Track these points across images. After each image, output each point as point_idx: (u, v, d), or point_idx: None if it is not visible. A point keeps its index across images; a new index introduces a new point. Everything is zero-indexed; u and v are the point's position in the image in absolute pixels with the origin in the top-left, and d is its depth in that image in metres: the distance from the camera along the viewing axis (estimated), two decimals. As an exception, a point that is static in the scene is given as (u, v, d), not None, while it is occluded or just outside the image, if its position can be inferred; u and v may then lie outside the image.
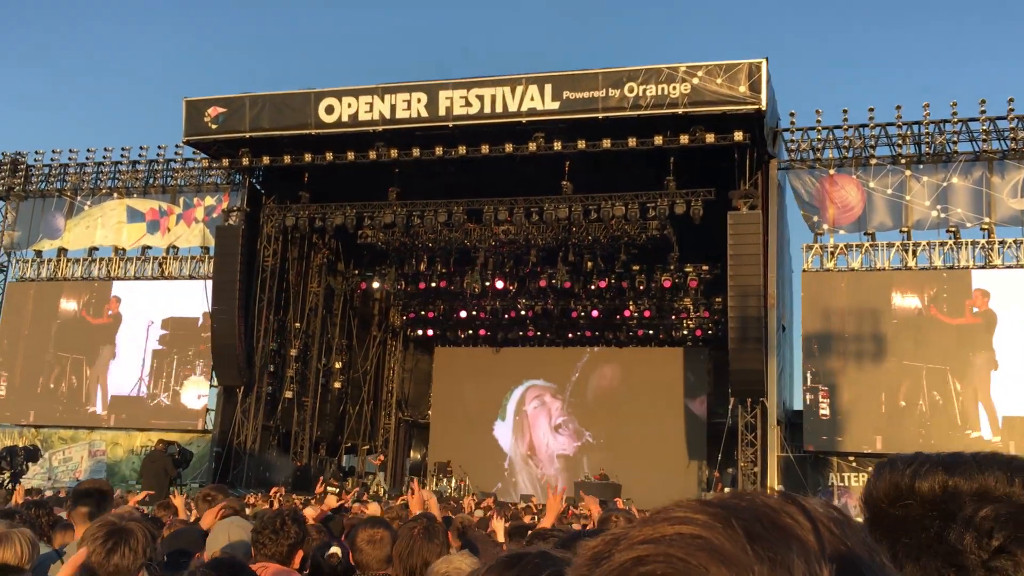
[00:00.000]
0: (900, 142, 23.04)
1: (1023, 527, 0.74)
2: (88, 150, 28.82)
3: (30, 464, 12.82)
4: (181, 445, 14.54)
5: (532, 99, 21.60)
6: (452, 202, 24.05)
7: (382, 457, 28.27)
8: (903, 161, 23.02)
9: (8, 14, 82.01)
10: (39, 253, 29.12)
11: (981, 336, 21.96)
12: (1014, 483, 0.77)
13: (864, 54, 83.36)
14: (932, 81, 75.05)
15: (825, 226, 23.41)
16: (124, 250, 28.31)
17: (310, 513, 6.68)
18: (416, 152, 23.00)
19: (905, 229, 22.95)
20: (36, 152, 29.32)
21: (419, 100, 22.34)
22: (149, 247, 28.11)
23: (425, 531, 3.94)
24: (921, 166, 22.95)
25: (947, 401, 21.78)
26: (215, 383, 26.10)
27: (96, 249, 28.62)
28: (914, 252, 22.94)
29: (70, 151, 28.98)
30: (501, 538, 6.59)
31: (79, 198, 28.82)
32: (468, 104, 22.00)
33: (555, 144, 22.00)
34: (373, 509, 8.69)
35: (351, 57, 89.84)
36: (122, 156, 28.49)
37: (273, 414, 26.69)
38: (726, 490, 23.17)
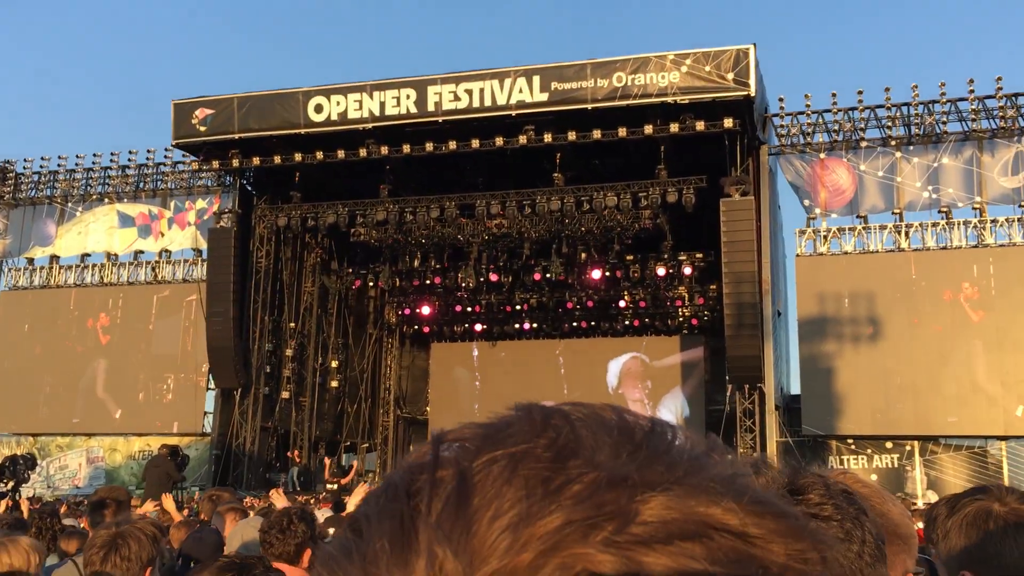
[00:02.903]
0: (890, 124, 23.08)
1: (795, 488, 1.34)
2: (77, 156, 28.75)
3: (30, 473, 12.81)
4: (180, 449, 14.52)
5: (521, 92, 21.59)
6: (444, 197, 24.02)
7: (298, 452, 27.47)
8: (893, 143, 23.07)
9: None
10: (31, 261, 29.02)
11: (976, 315, 22.03)
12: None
13: (852, 37, 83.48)
14: (920, 62, 75.20)
15: (817, 210, 23.45)
16: (116, 255, 28.23)
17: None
18: (406, 148, 22.97)
19: (897, 211, 23.00)
20: (25, 159, 29.24)
21: (408, 96, 22.30)
22: (141, 252, 28.04)
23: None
24: (911, 147, 23.00)
25: (944, 381, 21.85)
26: (212, 386, 26.06)
27: (88, 255, 28.54)
28: (907, 233, 23.00)
29: (59, 157, 28.89)
30: None
31: (70, 204, 28.72)
32: (457, 99, 21.97)
33: (545, 136, 21.98)
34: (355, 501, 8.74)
35: (338, 55, 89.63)
36: (112, 161, 28.40)
37: (271, 415, 26.67)
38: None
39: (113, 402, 26.89)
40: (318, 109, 22.87)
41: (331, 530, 6.57)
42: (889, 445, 22.31)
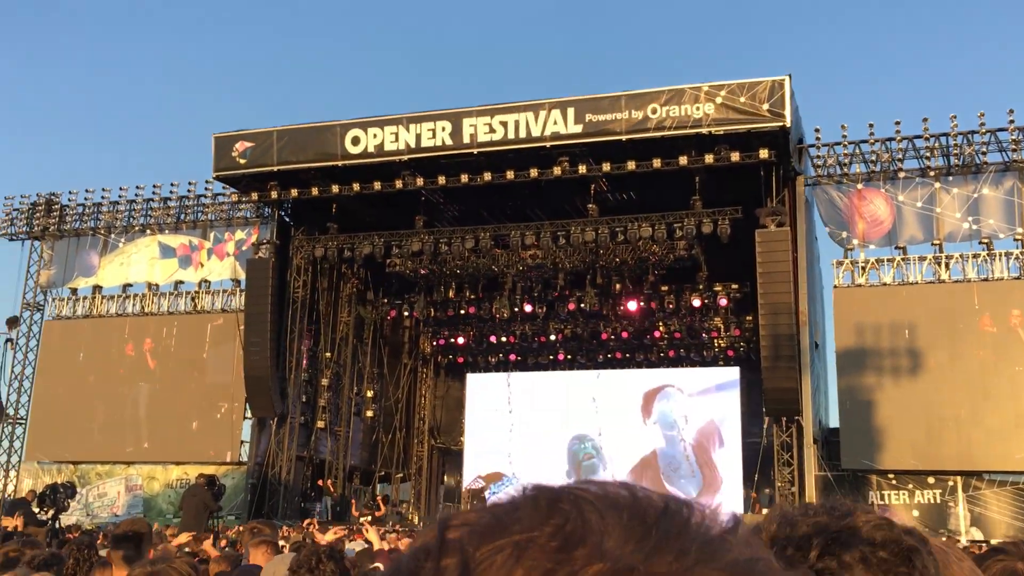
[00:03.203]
0: (928, 154, 22.83)
1: (838, 535, 0.96)
2: (120, 188, 29.34)
3: (70, 502, 12.98)
4: (217, 478, 14.63)
5: (555, 123, 21.71)
6: (479, 228, 24.16)
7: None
8: (932, 173, 22.81)
9: (38, 59, 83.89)
10: (75, 291, 29.58)
11: (1019, 348, 21.59)
12: (832, 513, 1.00)
13: (888, 68, 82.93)
14: (959, 92, 74.44)
15: (855, 241, 23.20)
16: (157, 286, 28.67)
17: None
18: (442, 180, 23.16)
19: (937, 242, 22.69)
20: (70, 192, 29.88)
21: (443, 128, 22.52)
22: (182, 282, 28.45)
23: None
24: (950, 178, 22.72)
25: (986, 414, 21.40)
26: (249, 415, 26.26)
27: (130, 285, 29.01)
28: (947, 265, 22.67)
29: (103, 190, 29.52)
30: None
31: (112, 236, 29.28)
32: (492, 131, 22.14)
33: (580, 167, 22.05)
34: (372, 536, 8.75)
35: (374, 88, 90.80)
36: (154, 193, 28.96)
37: (307, 444, 26.80)
38: (764, 511, 22.96)
39: (153, 429, 27.13)
40: (355, 141, 23.16)
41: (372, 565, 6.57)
42: (931, 480, 21.86)
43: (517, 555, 0.46)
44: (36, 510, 13.43)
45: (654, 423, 29.52)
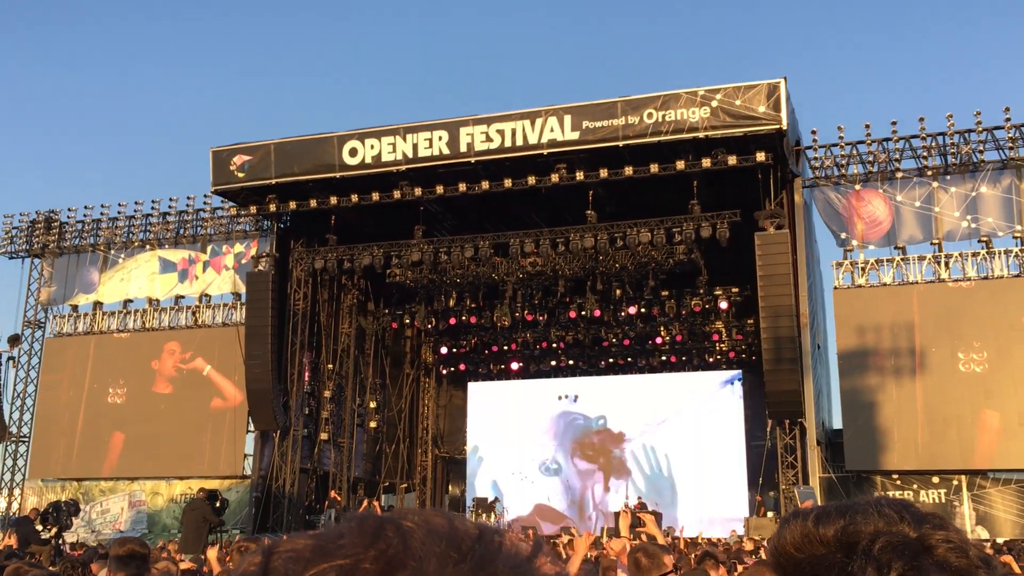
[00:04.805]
0: (925, 154, 22.85)
1: (915, 556, 0.83)
2: (119, 204, 29.36)
3: (73, 519, 12.95)
4: (220, 492, 14.58)
5: (552, 131, 21.73)
6: (478, 237, 24.16)
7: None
8: (929, 173, 22.81)
9: (34, 71, 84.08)
10: (75, 308, 29.58)
11: (1020, 345, 21.55)
12: (903, 521, 0.86)
13: (884, 69, 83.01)
14: (955, 91, 74.52)
15: (854, 242, 23.20)
16: (158, 301, 28.68)
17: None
18: (440, 189, 23.18)
19: (936, 241, 22.68)
20: (69, 209, 29.91)
21: (440, 138, 22.56)
22: (182, 296, 28.46)
23: None
24: (948, 177, 22.73)
25: (989, 412, 21.36)
26: (251, 428, 26.23)
27: (131, 301, 29.02)
28: (947, 264, 22.66)
29: (102, 206, 29.55)
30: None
31: (112, 252, 29.30)
32: (489, 139, 22.17)
33: (577, 174, 22.07)
34: None
35: (371, 99, 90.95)
36: (153, 208, 28.98)
37: (310, 456, 26.76)
38: (769, 514, 22.90)
39: (156, 445, 27.09)
40: (352, 153, 23.19)
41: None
42: (936, 480, 21.82)
43: None
44: (39, 528, 13.41)
45: (662, 422, 29.43)
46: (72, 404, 28.29)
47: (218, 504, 14.25)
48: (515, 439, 30.50)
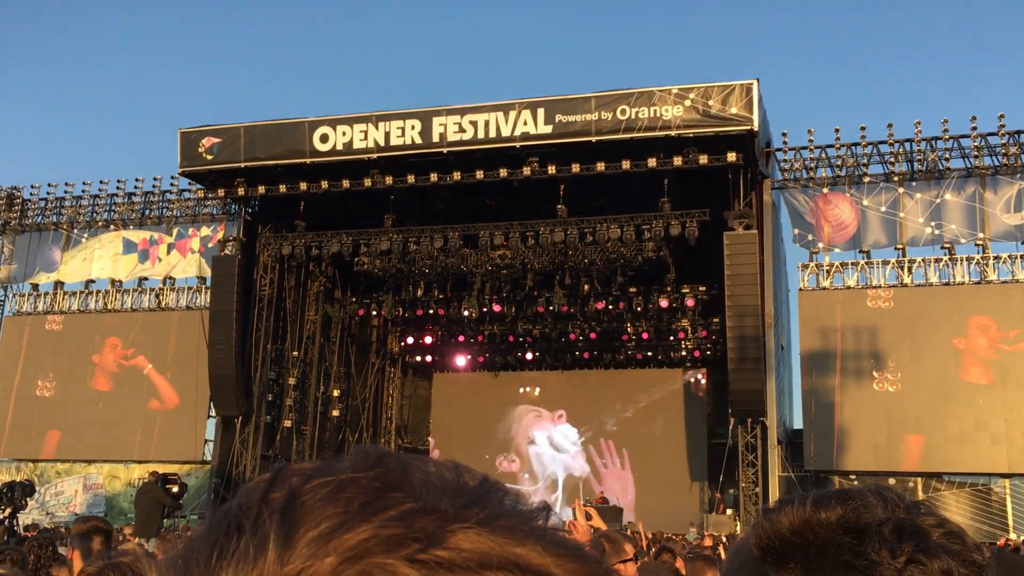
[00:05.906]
0: (892, 160, 23.15)
1: (922, 539, 0.84)
2: (84, 183, 28.90)
3: (28, 500, 12.74)
4: (173, 476, 14.39)
5: (525, 124, 21.70)
6: (448, 228, 24.08)
7: None
8: (896, 178, 23.12)
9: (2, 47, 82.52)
10: (36, 287, 29.09)
11: (979, 352, 21.93)
12: (899, 507, 0.88)
13: (855, 74, 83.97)
14: (923, 99, 75.56)
15: (820, 244, 23.45)
16: (121, 282, 28.29)
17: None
18: (411, 179, 23.07)
19: (900, 246, 23.00)
20: (32, 186, 29.41)
21: (413, 127, 22.44)
22: (146, 278, 28.09)
23: None
24: (914, 183, 23.04)
25: (947, 417, 21.72)
26: (213, 413, 25.98)
27: (93, 281, 28.60)
28: (909, 269, 22.98)
29: (66, 184, 29.07)
30: None
31: (76, 231, 28.84)
32: (462, 130, 22.09)
33: (549, 168, 22.07)
34: None
35: (345, 85, 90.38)
36: (118, 188, 28.56)
37: (272, 444, 26.55)
38: (728, 511, 23.11)
39: (115, 428, 26.77)
40: (323, 139, 23.01)
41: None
42: (892, 482, 22.10)
43: (339, 488, 0.51)
44: (-8, 508, 13.16)
45: (627, 415, 29.60)
46: (29, 384, 27.82)
47: (176, 489, 14.08)
48: (476, 431, 30.51)
